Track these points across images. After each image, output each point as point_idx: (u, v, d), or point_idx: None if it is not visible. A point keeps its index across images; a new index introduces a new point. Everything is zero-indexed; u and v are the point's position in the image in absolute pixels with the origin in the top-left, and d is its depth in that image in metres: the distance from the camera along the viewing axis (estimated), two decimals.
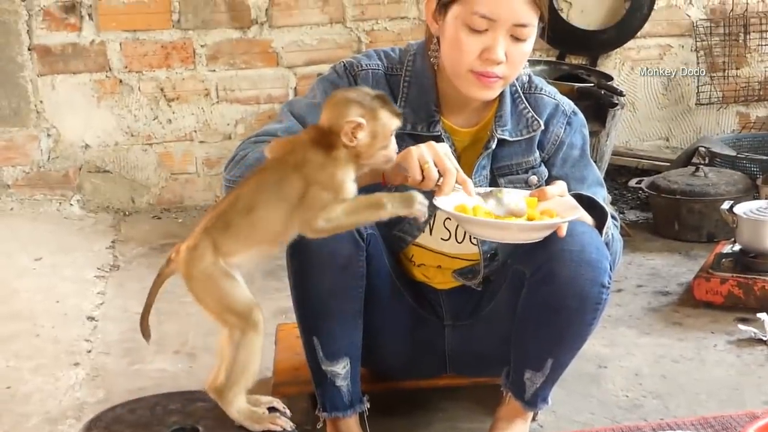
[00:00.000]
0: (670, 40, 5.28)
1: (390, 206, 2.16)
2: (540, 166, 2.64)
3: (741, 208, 3.74)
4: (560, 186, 2.40)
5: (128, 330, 3.62)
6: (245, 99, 5.13)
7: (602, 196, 2.63)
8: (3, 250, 4.48)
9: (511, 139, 2.60)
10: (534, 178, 2.62)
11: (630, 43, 5.21)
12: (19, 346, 3.53)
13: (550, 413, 2.93)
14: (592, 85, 4.48)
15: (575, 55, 5.18)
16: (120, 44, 5.02)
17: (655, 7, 5.16)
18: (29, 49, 4.98)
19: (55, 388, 3.22)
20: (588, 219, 2.49)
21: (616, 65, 5.26)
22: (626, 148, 5.27)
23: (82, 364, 3.39)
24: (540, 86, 2.66)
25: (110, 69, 5.04)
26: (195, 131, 5.14)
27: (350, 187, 2.17)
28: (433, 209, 2.57)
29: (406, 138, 2.51)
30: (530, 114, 2.61)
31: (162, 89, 5.09)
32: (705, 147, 4.85)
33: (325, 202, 2.13)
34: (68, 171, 5.07)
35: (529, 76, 2.66)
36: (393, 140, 2.23)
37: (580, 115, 2.69)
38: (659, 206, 4.54)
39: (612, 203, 4.82)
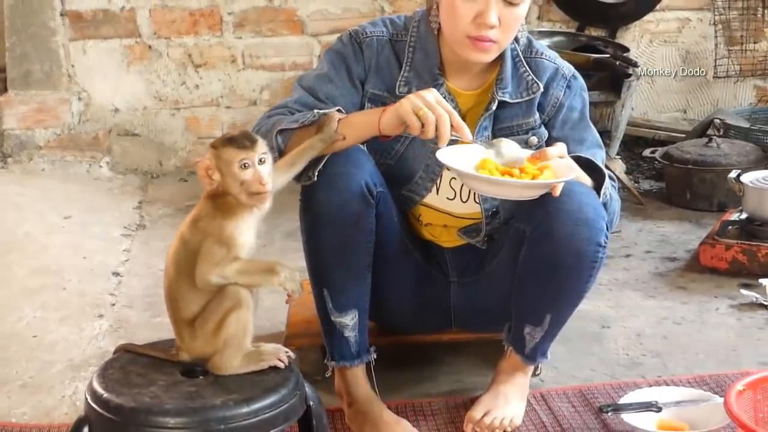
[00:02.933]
0: (688, 13, 5.35)
1: (282, 276, 2.22)
2: (540, 127, 2.74)
3: (748, 177, 3.83)
4: (560, 147, 2.51)
5: (151, 285, 3.76)
6: (270, 66, 5.24)
7: (601, 157, 2.73)
8: (34, 208, 4.61)
9: (511, 101, 2.70)
10: (534, 139, 2.72)
11: (649, 16, 5.27)
12: (46, 298, 3.67)
13: (552, 369, 3.04)
14: (608, 56, 4.57)
15: (594, 27, 5.24)
16: (149, 11, 5.15)
17: None
18: (61, 15, 5.11)
19: (80, 338, 3.35)
20: (586, 180, 2.60)
21: (635, 38, 5.33)
22: (644, 119, 5.35)
23: (106, 316, 3.52)
24: (540, 50, 2.76)
25: (140, 35, 5.17)
26: (221, 97, 5.27)
27: (241, 240, 2.25)
28: (439, 168, 2.71)
29: None
30: (530, 77, 2.71)
31: (190, 55, 5.21)
32: (720, 119, 4.93)
33: (218, 257, 2.23)
34: (98, 134, 5.19)
35: (530, 41, 2.76)
36: (247, 174, 2.25)
37: (580, 79, 2.79)
38: (672, 176, 4.63)
39: (627, 172, 4.92)
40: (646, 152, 4.79)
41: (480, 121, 2.70)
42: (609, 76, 4.57)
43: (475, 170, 2.43)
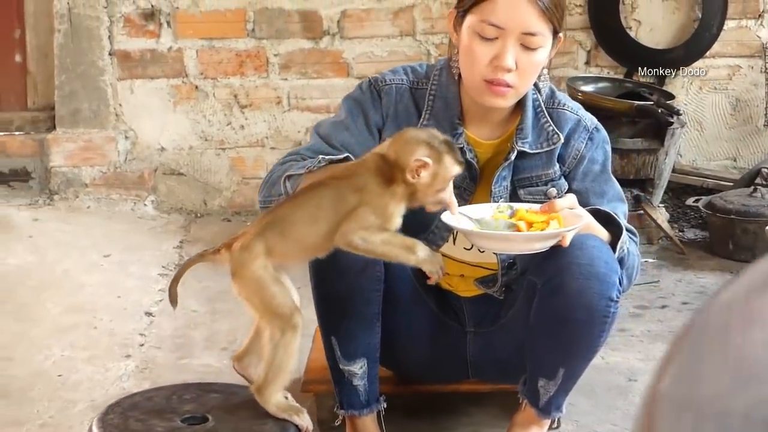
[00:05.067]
0: (739, 60, 5.28)
1: (420, 255, 2.32)
2: (560, 179, 2.71)
3: None
4: (569, 199, 2.48)
5: (182, 326, 3.77)
6: (316, 107, 5.26)
7: (622, 211, 2.68)
8: (76, 245, 4.66)
9: (531, 151, 2.67)
10: (553, 191, 2.69)
11: (698, 63, 5.21)
12: (76, 336, 3.69)
13: (572, 422, 2.99)
14: (651, 103, 4.52)
15: (643, 73, 5.18)
16: (196, 51, 5.20)
17: (725, 27, 5.15)
18: (110, 54, 5.18)
19: (104, 378, 3.36)
20: (603, 233, 2.55)
21: (684, 84, 5.26)
22: (692, 167, 5.27)
23: (133, 357, 3.53)
24: (563, 102, 2.73)
25: (186, 75, 5.22)
26: (267, 137, 5.29)
27: (397, 222, 2.32)
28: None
29: None
30: (551, 127, 2.68)
31: (236, 96, 5.25)
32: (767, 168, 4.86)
33: (369, 223, 2.27)
34: (144, 172, 5.24)
35: (552, 91, 2.73)
36: (450, 186, 2.36)
37: (603, 132, 2.76)
38: (715, 225, 4.56)
39: (673, 221, 4.85)
40: (689, 201, 4.73)
41: (498, 171, 2.68)
42: (653, 123, 4.52)
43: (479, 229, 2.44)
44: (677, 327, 3.74)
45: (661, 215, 4.59)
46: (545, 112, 2.70)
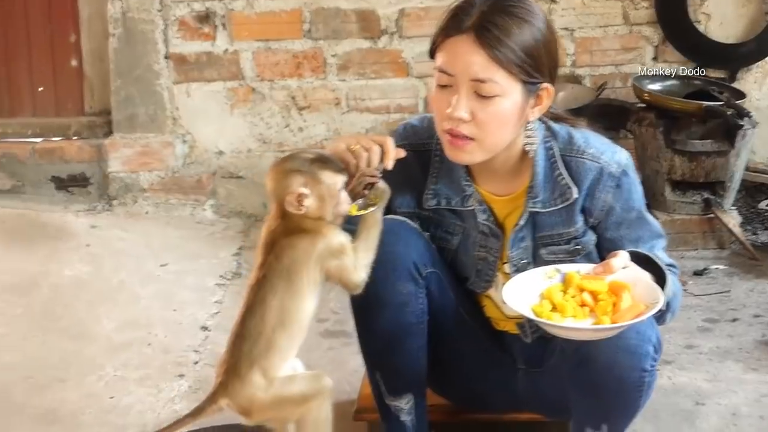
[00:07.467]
0: None
1: (375, 206, 2.33)
2: (584, 235, 2.51)
3: None
4: (624, 258, 2.30)
5: None
6: (375, 108, 5.15)
7: (660, 247, 2.52)
8: (133, 254, 4.60)
9: (544, 210, 2.48)
10: (578, 248, 2.52)
11: None
12: (130, 355, 3.64)
13: None
14: (721, 104, 4.36)
15: (713, 68, 4.99)
16: (252, 53, 5.11)
17: None
18: (166, 58, 5.11)
19: (156, 400, 3.31)
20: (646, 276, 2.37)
21: (756, 80, 5.07)
22: (767, 165, 5.08)
23: (186, 376, 3.47)
24: (582, 148, 2.47)
25: (243, 77, 5.14)
26: (326, 139, 5.18)
27: (345, 238, 2.29)
28: (492, 271, 2.58)
29: (446, 213, 2.55)
30: (564, 181, 2.46)
31: (293, 98, 5.15)
32: None
33: (352, 263, 2.26)
34: (202, 176, 5.18)
35: (570, 136, 2.49)
36: (343, 195, 2.29)
37: (631, 174, 2.49)
38: None
39: (745, 223, 4.66)
40: (762, 205, 4.55)
41: (514, 233, 2.52)
42: (722, 123, 4.36)
43: (540, 300, 2.30)
44: (747, 342, 3.60)
45: (732, 219, 4.42)
46: (560, 162, 2.47)
